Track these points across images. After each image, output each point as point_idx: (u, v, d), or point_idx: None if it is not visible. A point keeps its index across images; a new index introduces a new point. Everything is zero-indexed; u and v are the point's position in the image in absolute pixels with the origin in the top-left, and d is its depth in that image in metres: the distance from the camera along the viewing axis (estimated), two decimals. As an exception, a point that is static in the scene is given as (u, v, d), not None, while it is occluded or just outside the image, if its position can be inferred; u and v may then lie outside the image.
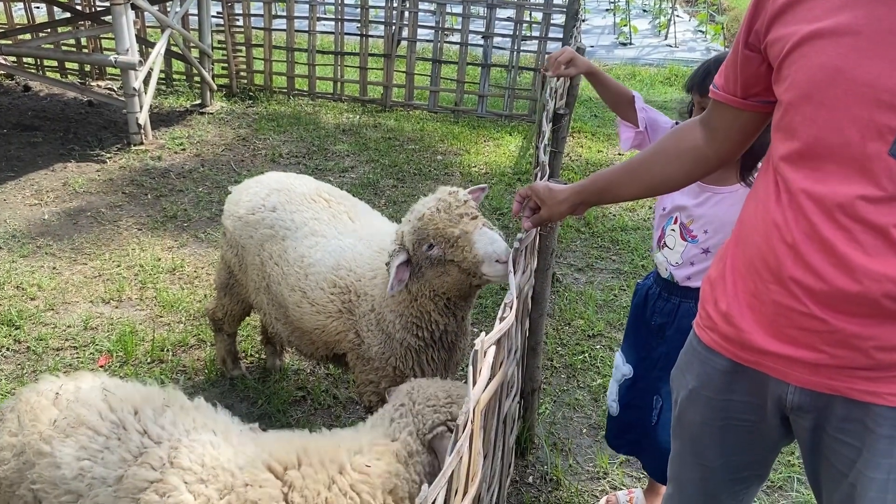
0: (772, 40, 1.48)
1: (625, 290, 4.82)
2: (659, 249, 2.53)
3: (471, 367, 1.51)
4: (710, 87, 1.71)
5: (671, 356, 2.49)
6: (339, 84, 8.87)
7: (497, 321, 1.76)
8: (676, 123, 2.53)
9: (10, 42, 8.38)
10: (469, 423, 1.42)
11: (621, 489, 3.17)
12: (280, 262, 2.97)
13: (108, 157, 6.74)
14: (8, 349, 3.89)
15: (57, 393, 2.10)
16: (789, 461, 3.31)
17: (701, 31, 14.15)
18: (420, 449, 1.98)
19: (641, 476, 3.25)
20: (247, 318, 3.69)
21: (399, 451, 1.96)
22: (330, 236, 2.92)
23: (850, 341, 1.44)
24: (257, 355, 3.97)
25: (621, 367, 2.75)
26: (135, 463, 1.89)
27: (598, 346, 4.21)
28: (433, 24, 8.46)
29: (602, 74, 2.80)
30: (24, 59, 9.01)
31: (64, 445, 1.95)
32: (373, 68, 8.76)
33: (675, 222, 2.45)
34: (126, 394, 2.08)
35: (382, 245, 2.73)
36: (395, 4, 8.39)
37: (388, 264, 2.50)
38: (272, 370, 3.82)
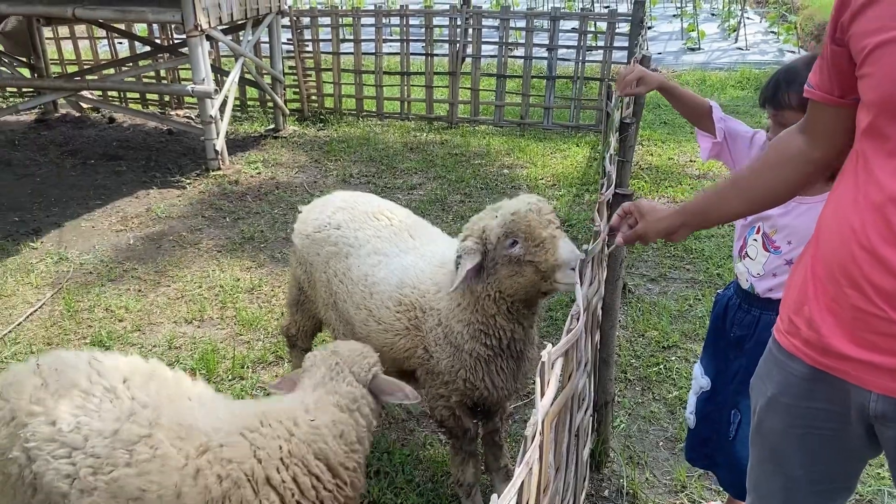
0: (854, 33, 1.43)
1: (700, 299, 4.72)
2: (740, 259, 2.47)
3: (538, 379, 1.52)
4: (805, 85, 1.65)
5: (750, 370, 2.42)
6: (405, 103, 9.02)
7: (564, 333, 1.76)
8: (767, 132, 2.44)
9: (96, 77, 8.86)
10: (538, 434, 1.43)
11: (700, 503, 3.09)
12: (345, 281, 3.03)
13: (188, 183, 7.02)
14: (99, 369, 4.09)
15: (37, 364, 2.26)
16: (879, 473, 3.17)
17: (773, 31, 13.77)
18: (363, 392, 2.34)
19: (721, 489, 3.16)
20: (320, 334, 3.77)
21: (340, 402, 2.28)
22: (392, 254, 2.95)
23: None
24: (332, 371, 4.06)
25: (699, 379, 2.69)
26: (127, 421, 2.10)
27: (673, 358, 4.13)
28: (497, 40, 8.52)
29: (675, 88, 2.72)
30: (109, 93, 9.50)
31: (58, 403, 2.13)
32: (438, 86, 8.86)
33: (758, 232, 2.38)
34: (113, 364, 2.28)
35: (443, 260, 2.77)
36: (458, 22, 8.49)
37: (458, 259, 2.51)
38: None
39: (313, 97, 9.20)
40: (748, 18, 13.97)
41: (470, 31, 8.52)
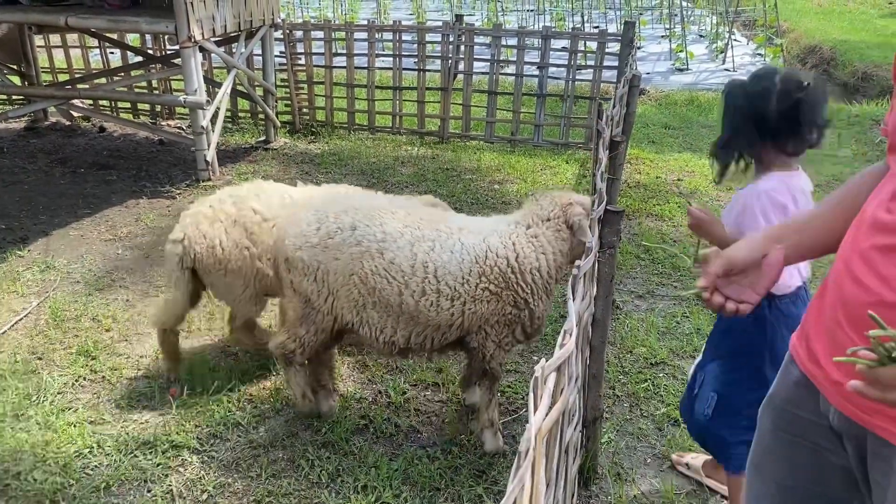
0: None
1: (688, 316, 4.74)
2: None
3: (531, 394, 1.52)
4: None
5: (713, 340, 2.91)
6: (397, 118, 9.05)
7: (557, 348, 1.77)
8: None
9: (87, 86, 8.84)
10: (531, 450, 1.43)
11: (688, 521, 3.11)
12: (391, 275, 3.16)
13: (178, 193, 7.01)
14: (85, 378, 4.06)
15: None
16: None
17: (759, 54, 13.94)
18: None
19: (709, 508, 3.18)
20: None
21: None
22: (440, 238, 3.21)
23: None
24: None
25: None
26: None
27: (661, 375, 4.15)
28: (489, 57, 8.57)
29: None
30: (100, 102, 9.47)
31: None
32: (430, 102, 8.91)
33: None
34: None
35: (514, 219, 3.33)
36: (451, 39, 8.54)
37: (578, 222, 3.23)
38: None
39: (305, 110, 9.22)
40: (736, 40, 14.13)
41: (462, 47, 8.58)
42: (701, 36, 15.86)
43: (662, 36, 15.27)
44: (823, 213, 1.75)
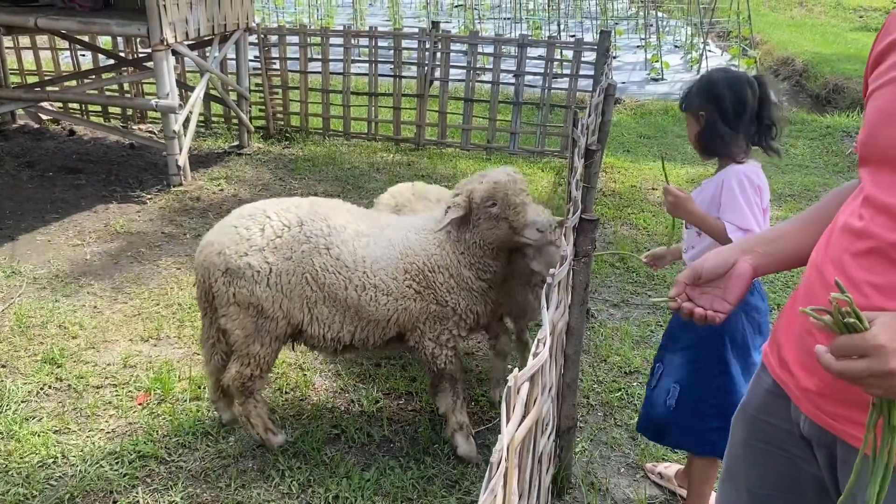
0: (869, 91, 1.52)
1: (661, 325, 4.75)
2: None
3: (504, 404, 1.50)
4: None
5: (674, 332, 2.93)
6: (373, 124, 9.01)
7: (531, 357, 1.75)
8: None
9: (57, 88, 8.70)
10: (503, 461, 1.41)
11: (661, 530, 3.10)
12: (338, 270, 3.20)
13: (149, 198, 6.90)
14: (50, 387, 3.96)
15: None
16: None
17: (734, 65, 14.10)
18: None
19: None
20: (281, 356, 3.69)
21: None
22: (373, 234, 3.31)
23: None
24: (292, 392, 3.99)
25: None
26: None
27: (634, 384, 4.15)
28: (465, 64, 8.57)
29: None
30: (70, 105, 9.32)
31: None
32: (406, 108, 8.88)
33: None
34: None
35: (424, 226, 3.34)
36: (427, 45, 8.53)
37: (447, 209, 3.18)
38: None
39: (279, 115, 9.14)
40: (710, 51, 14.29)
41: (438, 54, 8.57)
42: (676, 46, 16.01)
43: (638, 46, 15.39)
44: (797, 226, 1.78)
